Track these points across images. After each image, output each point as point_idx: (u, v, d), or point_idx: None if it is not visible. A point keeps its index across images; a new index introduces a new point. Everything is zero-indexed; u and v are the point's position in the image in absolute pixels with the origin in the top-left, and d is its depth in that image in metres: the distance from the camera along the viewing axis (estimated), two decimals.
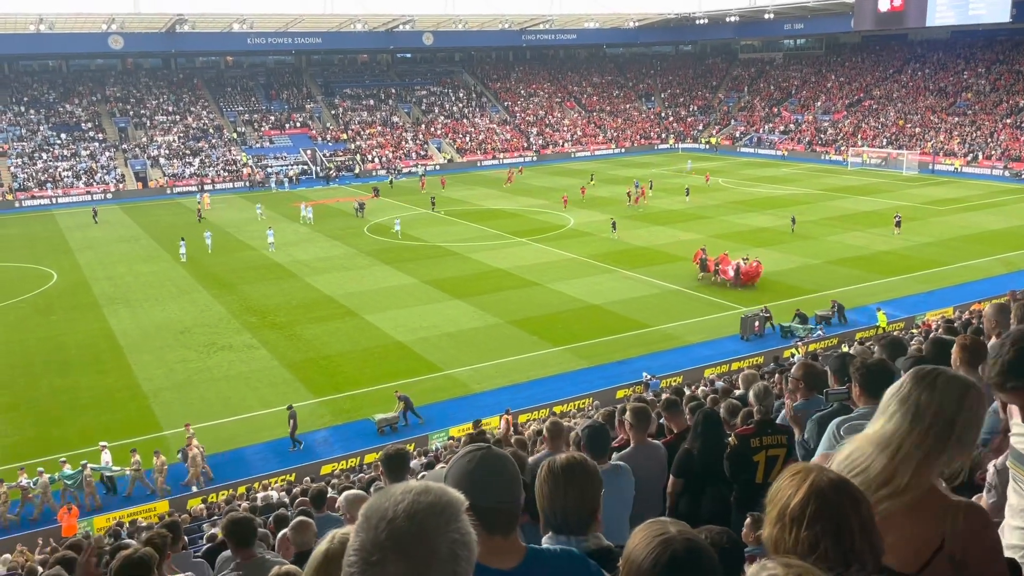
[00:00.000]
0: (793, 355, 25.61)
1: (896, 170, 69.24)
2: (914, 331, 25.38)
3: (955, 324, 13.65)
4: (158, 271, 41.59)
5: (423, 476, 12.17)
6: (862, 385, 4.43)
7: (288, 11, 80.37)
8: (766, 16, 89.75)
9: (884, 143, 77.05)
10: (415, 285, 37.58)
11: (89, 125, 76.83)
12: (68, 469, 20.41)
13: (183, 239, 45.24)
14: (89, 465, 20.48)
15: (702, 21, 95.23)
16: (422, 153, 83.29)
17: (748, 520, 4.43)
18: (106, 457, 21.09)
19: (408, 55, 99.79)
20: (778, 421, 6.41)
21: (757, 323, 30.08)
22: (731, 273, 35.41)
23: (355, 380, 27.01)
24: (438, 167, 78.94)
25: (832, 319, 30.67)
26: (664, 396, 9.51)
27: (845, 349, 21.94)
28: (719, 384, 18.04)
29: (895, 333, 24.43)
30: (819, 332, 29.31)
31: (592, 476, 2.81)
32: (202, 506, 18.71)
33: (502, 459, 2.37)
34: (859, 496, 1.97)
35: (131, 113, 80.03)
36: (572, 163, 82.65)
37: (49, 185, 67.52)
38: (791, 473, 2.02)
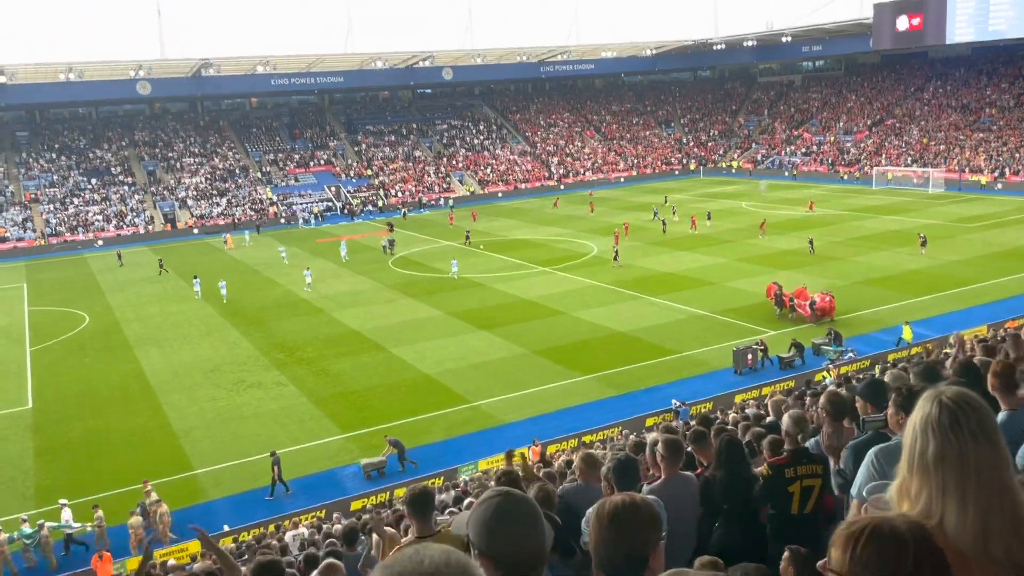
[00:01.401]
0: (825, 378, 25.25)
1: (922, 188, 68.59)
2: (948, 350, 24.92)
3: (989, 342, 13.35)
4: (187, 311, 42.07)
5: (451, 512, 12.10)
6: (908, 412, 4.31)
7: (310, 52, 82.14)
8: (783, 39, 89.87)
9: (908, 162, 76.43)
10: (441, 317, 37.66)
11: (119, 169, 78.41)
12: (27, 528, 19.77)
13: (196, 276, 46.36)
14: (47, 524, 19.90)
15: (719, 46, 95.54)
16: (445, 186, 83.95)
17: (787, 554, 4.33)
18: (66, 515, 20.49)
19: (428, 90, 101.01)
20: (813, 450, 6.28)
21: (750, 356, 28.69)
22: (808, 309, 33.53)
23: (383, 414, 27.02)
24: (452, 201, 79.30)
25: (828, 346, 29.82)
26: (692, 428, 9.39)
27: (877, 374, 21.59)
28: (749, 411, 17.81)
29: (928, 359, 23.99)
30: (850, 354, 28.88)
31: (644, 522, 2.61)
32: (232, 545, 18.69)
33: (520, 504, 2.31)
34: (937, 542, 1.88)
35: (159, 156, 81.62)
36: (594, 191, 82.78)
37: (80, 229, 68.83)
38: (875, 538, 1.79)
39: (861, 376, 21.57)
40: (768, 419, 11.06)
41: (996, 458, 2.14)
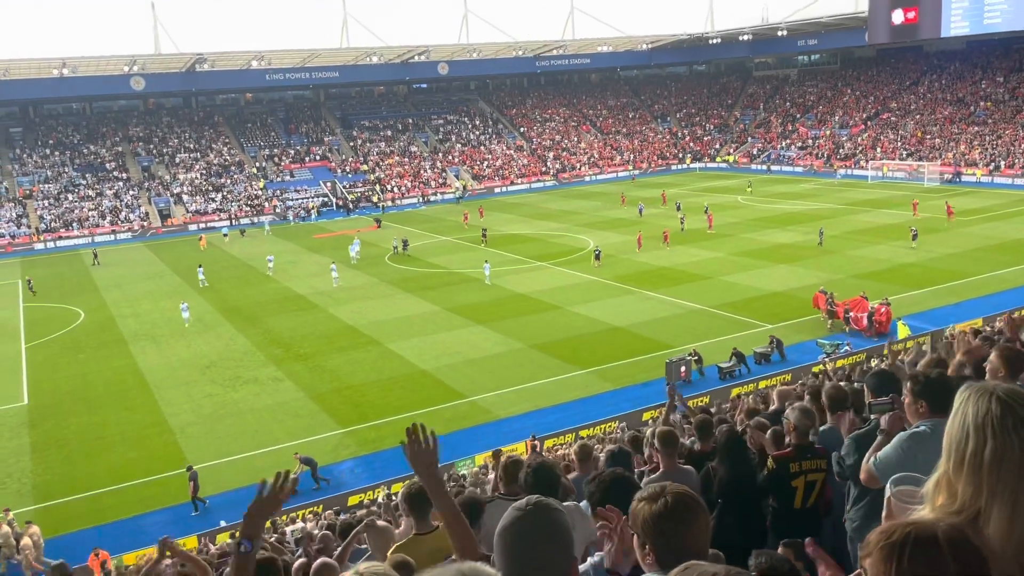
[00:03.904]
0: (821, 372, 25.22)
1: (918, 181, 68.65)
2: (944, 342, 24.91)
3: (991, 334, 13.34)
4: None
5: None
6: (928, 399, 4.22)
7: (305, 46, 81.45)
8: (779, 33, 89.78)
9: (904, 155, 76.48)
10: (437, 312, 37.61)
11: (113, 165, 78.12)
12: None
13: (200, 266, 47.37)
14: None
15: (715, 41, 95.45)
16: (441, 181, 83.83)
17: (781, 549, 4.29)
18: None
19: (424, 85, 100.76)
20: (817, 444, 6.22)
21: (684, 368, 27.42)
22: (865, 321, 30.78)
23: (380, 409, 26.98)
24: (460, 193, 79.38)
25: (772, 355, 29.01)
26: (697, 417, 9.31)
27: (875, 363, 21.62)
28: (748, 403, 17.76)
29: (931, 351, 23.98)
30: (846, 347, 28.90)
31: (706, 513, 2.48)
32: (231, 541, 18.62)
33: (537, 521, 2.23)
34: (974, 543, 1.82)
35: (154, 152, 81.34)
36: (590, 186, 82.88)
37: (75, 225, 68.60)
38: (920, 549, 1.75)
39: (863, 369, 21.57)
40: (773, 407, 11.01)
41: None
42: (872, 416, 4.85)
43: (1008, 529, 1.98)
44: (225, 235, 63.51)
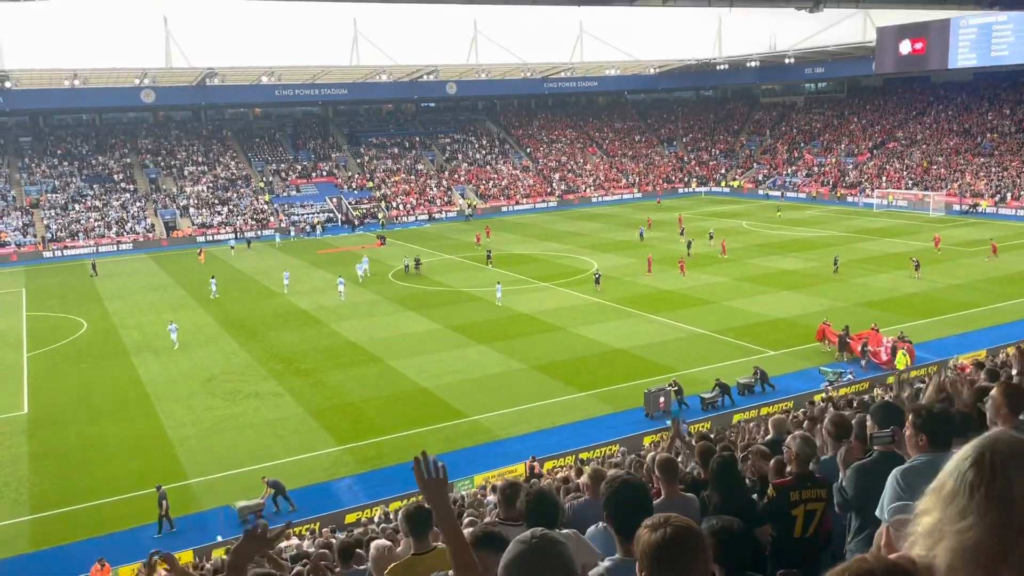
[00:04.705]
0: (824, 399, 25.14)
1: (923, 211, 68.73)
2: (947, 374, 24.81)
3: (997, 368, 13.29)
4: (186, 319, 41.93)
5: None
6: (928, 433, 4.23)
7: (315, 63, 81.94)
8: (786, 60, 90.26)
9: (910, 184, 76.59)
10: (439, 331, 37.59)
11: (121, 176, 78.49)
12: None
13: (213, 277, 47.88)
14: None
15: (723, 67, 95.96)
16: (446, 200, 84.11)
17: None
18: None
19: (432, 104, 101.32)
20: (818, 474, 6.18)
21: (663, 399, 26.87)
22: (884, 356, 30.09)
23: (379, 427, 26.92)
24: (470, 211, 79.69)
25: (755, 387, 28.58)
26: (699, 444, 9.25)
27: (878, 393, 21.56)
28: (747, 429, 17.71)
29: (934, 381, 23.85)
30: (849, 376, 28.82)
31: (706, 548, 2.43)
32: (227, 557, 18.53)
33: (545, 554, 2.24)
34: None
35: (162, 164, 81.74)
36: (594, 208, 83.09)
37: (81, 235, 68.82)
38: None
39: (866, 398, 21.51)
40: (768, 437, 10.97)
41: None
42: (875, 448, 4.85)
43: None
44: (232, 248, 63.76)
